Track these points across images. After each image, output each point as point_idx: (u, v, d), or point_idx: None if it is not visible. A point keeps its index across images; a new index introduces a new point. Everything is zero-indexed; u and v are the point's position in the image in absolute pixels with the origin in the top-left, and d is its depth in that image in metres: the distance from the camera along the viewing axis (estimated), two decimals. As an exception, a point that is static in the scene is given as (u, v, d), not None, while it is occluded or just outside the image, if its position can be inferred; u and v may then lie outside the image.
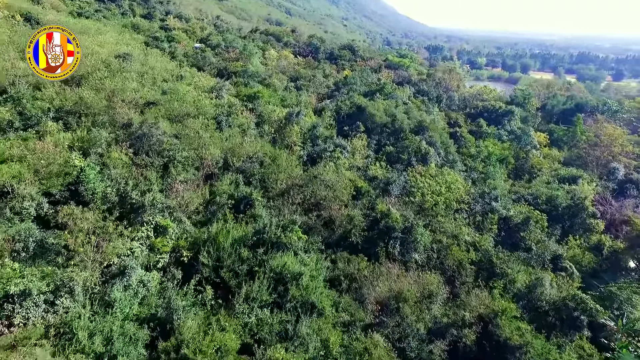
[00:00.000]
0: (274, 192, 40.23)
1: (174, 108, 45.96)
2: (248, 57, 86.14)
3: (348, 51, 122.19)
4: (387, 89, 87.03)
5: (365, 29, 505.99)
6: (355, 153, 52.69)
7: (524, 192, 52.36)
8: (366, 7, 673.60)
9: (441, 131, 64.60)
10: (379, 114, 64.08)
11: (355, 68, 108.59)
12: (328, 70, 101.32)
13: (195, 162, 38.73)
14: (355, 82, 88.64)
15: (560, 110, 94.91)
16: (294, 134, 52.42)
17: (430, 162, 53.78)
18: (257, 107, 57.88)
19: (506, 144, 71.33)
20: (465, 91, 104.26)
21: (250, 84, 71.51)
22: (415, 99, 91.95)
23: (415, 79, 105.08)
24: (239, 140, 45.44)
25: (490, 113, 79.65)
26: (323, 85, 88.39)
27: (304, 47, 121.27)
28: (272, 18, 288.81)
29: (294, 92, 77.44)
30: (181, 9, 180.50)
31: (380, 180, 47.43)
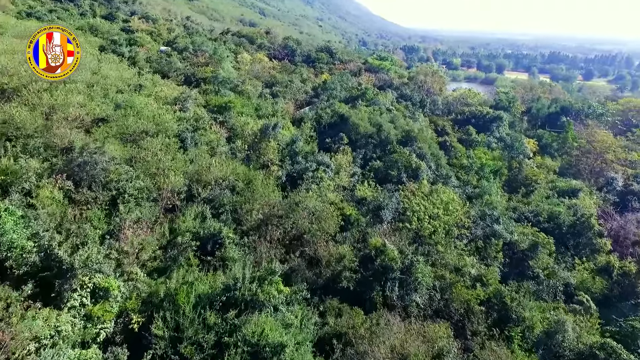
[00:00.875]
0: (249, 225, 34.15)
1: (128, 125, 39.15)
2: (219, 61, 79.33)
3: (326, 54, 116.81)
4: (369, 95, 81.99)
5: (341, 30, 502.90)
6: (340, 171, 47.09)
7: (524, 210, 48.13)
8: (341, 7, 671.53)
9: (430, 141, 59.94)
10: (364, 124, 58.80)
11: (334, 72, 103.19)
12: (306, 74, 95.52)
13: (151, 193, 32.17)
14: (335, 88, 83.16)
15: (546, 114, 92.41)
16: (270, 150, 46.37)
17: (422, 178, 48.81)
18: (229, 120, 51.52)
19: (497, 152, 67.49)
20: (449, 95, 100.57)
21: (221, 92, 64.89)
22: (398, 104, 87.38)
23: (397, 82, 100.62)
24: (206, 162, 39.06)
25: (478, 119, 75.79)
26: (301, 91, 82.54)
27: (279, 49, 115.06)
28: (245, 19, 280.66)
29: (270, 99, 71.30)
30: (148, 9, 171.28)
31: (370, 202, 41.99)
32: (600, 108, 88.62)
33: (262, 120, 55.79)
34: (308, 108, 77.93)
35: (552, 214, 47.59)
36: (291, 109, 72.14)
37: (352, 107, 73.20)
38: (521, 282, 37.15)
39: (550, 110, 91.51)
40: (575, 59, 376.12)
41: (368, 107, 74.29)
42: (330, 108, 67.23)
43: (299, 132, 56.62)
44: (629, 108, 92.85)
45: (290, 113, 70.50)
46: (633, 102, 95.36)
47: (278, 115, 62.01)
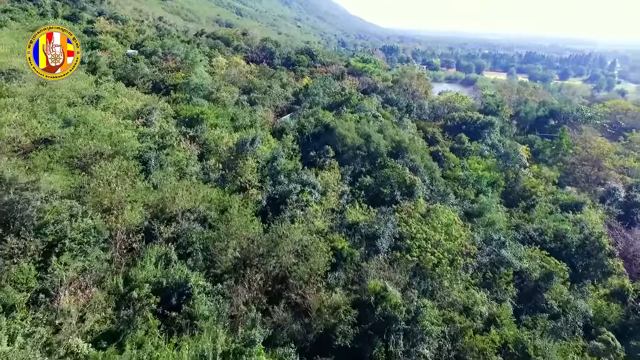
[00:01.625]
0: (224, 267, 28.62)
1: (77, 147, 33.01)
2: (191, 66, 73.02)
3: (306, 56, 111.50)
4: (354, 100, 77.25)
5: (319, 30, 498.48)
6: (327, 190, 41.95)
7: (528, 228, 44.14)
8: (319, 7, 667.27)
9: (422, 152, 55.52)
10: (351, 135, 53.88)
11: (316, 75, 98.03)
12: (285, 78, 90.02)
13: (101, 235, 26.27)
14: (318, 93, 78.04)
15: (534, 117, 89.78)
16: (248, 169, 40.87)
17: (418, 196, 44.20)
18: (201, 134, 45.67)
19: (490, 161, 63.71)
20: (435, 98, 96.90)
21: (193, 100, 58.87)
22: (384, 110, 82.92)
23: (381, 86, 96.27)
24: (173, 189, 33.26)
25: (469, 125, 72.03)
26: (281, 97, 77.06)
27: (257, 52, 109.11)
28: (221, 19, 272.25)
29: (247, 107, 65.57)
30: (117, 9, 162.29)
31: (363, 227, 37.02)
32: (589, 111, 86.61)
33: (239, 133, 50.18)
34: (289, 116, 72.55)
35: (558, 232, 43.81)
36: (271, 118, 66.66)
37: (337, 115, 68.34)
38: (535, 317, 32.92)
39: (538, 113, 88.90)
40: (551, 59, 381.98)
41: (353, 114, 69.55)
42: (314, 116, 62.08)
43: (280, 145, 51.23)
44: (616, 110, 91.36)
45: (270, 122, 65.01)
46: (620, 104, 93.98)
47: (257, 126, 56.47)
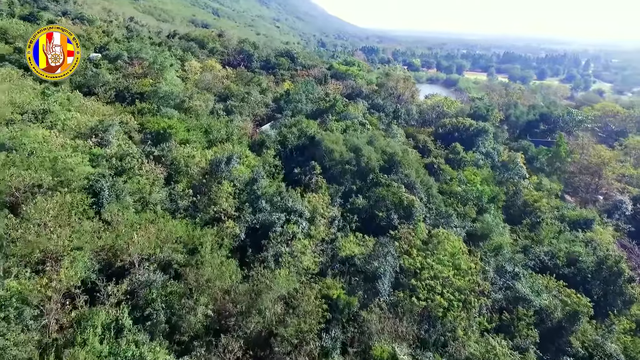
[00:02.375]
0: (191, 332, 22.85)
1: (5, 179, 26.59)
2: (160, 71, 66.34)
3: (286, 58, 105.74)
4: (339, 107, 72.07)
5: (299, 30, 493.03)
6: (315, 217, 36.49)
7: (538, 252, 39.78)
8: (297, 7, 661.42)
9: (416, 165, 50.75)
10: (339, 148, 48.60)
11: (297, 79, 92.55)
12: (265, 83, 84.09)
13: (26, 305, 20.14)
14: (300, 100, 72.52)
15: (525, 121, 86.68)
16: (223, 195, 35.05)
17: (418, 220, 39.30)
18: (168, 153, 39.50)
19: (485, 171, 59.63)
20: (422, 102, 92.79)
21: (162, 111, 52.48)
22: (371, 116, 78.11)
23: (366, 90, 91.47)
24: (129, 226, 27.25)
25: (461, 132, 67.88)
26: (260, 103, 71.14)
27: (234, 54, 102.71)
28: (197, 19, 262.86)
29: (223, 117, 59.58)
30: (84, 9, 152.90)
31: (359, 262, 31.78)
32: (579, 114, 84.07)
33: (214, 150, 44.24)
34: (270, 125, 66.79)
35: (571, 255, 39.66)
36: (250, 128, 60.76)
37: (322, 124, 63.03)
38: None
39: (528, 117, 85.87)
40: (528, 59, 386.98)
41: (339, 122, 64.44)
42: (297, 127, 56.54)
43: (260, 162, 45.52)
44: (605, 113, 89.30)
45: (248, 134, 59.12)
46: (609, 107, 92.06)
47: (234, 139, 50.53)
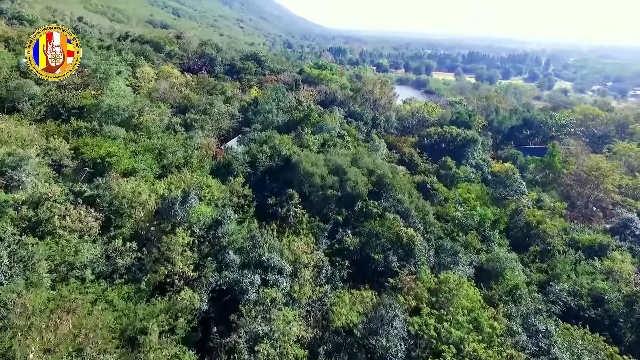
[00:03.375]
0: None
1: None
2: (104, 79, 56.63)
3: (253, 62, 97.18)
4: (314, 117, 64.81)
5: (264, 31, 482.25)
6: (298, 269, 28.87)
7: (559, 291, 33.96)
8: (261, 8, 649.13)
9: (408, 186, 44.20)
10: (319, 172, 41.22)
11: (266, 85, 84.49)
12: (230, 90, 75.40)
13: None
14: (271, 110, 64.63)
15: (507, 127, 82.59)
16: (177, 249, 26.82)
17: (422, 262, 32.60)
18: (106, 192, 30.68)
19: (477, 186, 54.10)
20: (400, 108, 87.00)
21: (105, 130, 43.31)
22: (348, 125, 71.41)
23: (341, 96, 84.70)
24: (37, 315, 18.78)
25: (448, 143, 62.26)
26: (225, 115, 62.57)
27: (194, 58, 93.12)
28: (155, 20, 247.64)
29: (181, 134, 50.91)
30: (25, 8, 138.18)
31: (358, 334, 24.56)
32: (562, 119, 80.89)
33: (167, 181, 35.79)
34: (237, 140, 58.51)
35: (593, 291, 34.20)
36: (213, 146, 52.27)
37: (297, 139, 55.57)
38: None
39: (512, 122, 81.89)
40: (492, 59, 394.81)
41: (316, 136, 57.18)
42: (269, 144, 48.66)
43: (226, 192, 37.46)
44: (586, 116, 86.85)
45: (212, 152, 50.75)
46: (589, 110, 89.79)
47: (193, 163, 42.14)
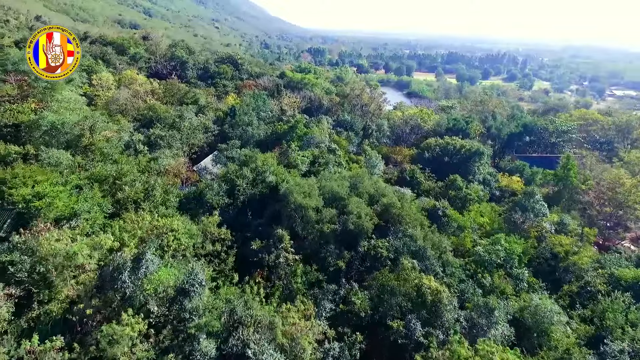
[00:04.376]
0: None
1: None
2: (49, 90, 47.28)
3: (229, 66, 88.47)
4: (300, 129, 57.09)
5: (240, 32, 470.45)
6: (297, 356, 21.07)
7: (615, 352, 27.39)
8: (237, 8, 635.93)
9: (419, 217, 36.97)
10: (313, 203, 33.47)
11: (244, 92, 76.11)
12: (204, 98, 66.70)
13: None
14: (251, 121, 56.48)
15: (507, 134, 76.93)
16: (121, 347, 18.59)
17: (453, 330, 25.37)
18: (25, 257, 22.01)
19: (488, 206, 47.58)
20: (393, 115, 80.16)
21: (43, 156, 34.36)
22: (338, 136, 63.97)
23: (327, 103, 77.19)
24: None
25: (452, 155, 55.63)
26: (198, 129, 54.06)
27: (163, 62, 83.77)
28: (124, 20, 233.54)
29: (144, 155, 42.28)
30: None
31: None
32: (564, 125, 75.89)
33: (118, 226, 27.33)
34: (211, 159, 50.12)
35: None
36: (183, 168, 43.86)
37: (282, 156, 47.63)
38: None
39: (511, 129, 76.30)
40: (470, 59, 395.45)
41: (304, 153, 49.43)
42: (250, 165, 40.52)
43: (197, 239, 29.26)
44: (586, 121, 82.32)
45: (180, 177, 42.31)
46: (588, 114, 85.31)
47: (155, 198, 33.63)
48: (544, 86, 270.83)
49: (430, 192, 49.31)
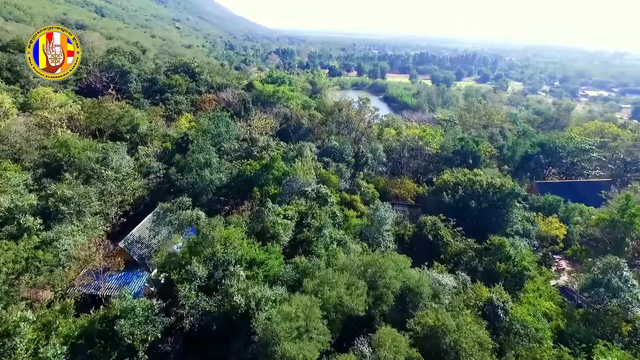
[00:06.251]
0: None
1: None
2: None
3: (184, 76, 71.62)
4: (278, 168, 41.94)
5: (203, 32, 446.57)
6: None
7: None
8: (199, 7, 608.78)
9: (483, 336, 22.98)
10: (314, 354, 18.59)
11: (205, 107, 60.00)
12: (145, 122, 50.19)
13: None
14: (209, 160, 40.70)
15: (521, 155, 64.72)
16: None
17: None
18: None
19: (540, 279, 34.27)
20: (386, 133, 66.02)
21: None
22: (325, 170, 49.26)
23: (306, 122, 62.32)
24: None
25: (480, 199, 42.09)
26: (132, 175, 37.94)
27: (98, 73, 66.02)
28: (69, 20, 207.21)
29: (34, 234, 26.14)
30: None
31: None
32: (584, 142, 64.68)
33: None
34: (149, 225, 34.05)
35: None
36: (100, 250, 27.93)
37: (256, 221, 32.43)
38: None
39: (525, 149, 64.19)
40: (441, 60, 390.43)
41: (288, 208, 34.45)
42: (205, 251, 25.15)
43: None
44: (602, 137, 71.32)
45: (96, 265, 26.45)
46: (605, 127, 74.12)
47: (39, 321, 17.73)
48: (518, 87, 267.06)
49: (462, 258, 35.53)
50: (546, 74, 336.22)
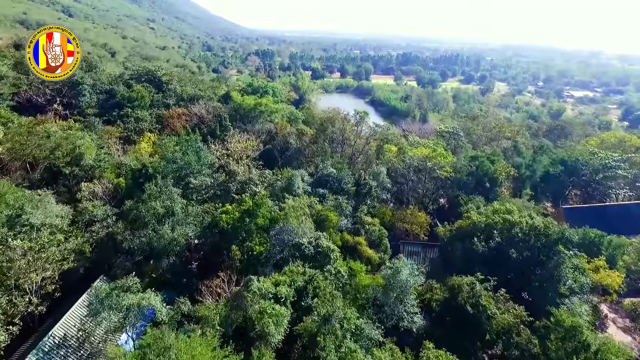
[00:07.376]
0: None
1: None
2: None
3: (148, 87, 60.43)
4: (265, 213, 32.05)
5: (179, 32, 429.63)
6: None
7: None
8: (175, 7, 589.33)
9: None
10: None
11: (170, 126, 49.48)
12: (92, 151, 39.52)
13: None
14: (172, 208, 30.50)
15: (541, 174, 56.54)
16: None
17: None
18: None
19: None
20: (387, 150, 56.62)
21: None
22: (322, 205, 39.59)
23: (295, 141, 52.50)
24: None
25: (520, 248, 33.13)
26: (72, 226, 27.54)
27: (39, 85, 54.30)
28: (29, 20, 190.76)
29: None
30: None
31: None
32: (607, 158, 57.04)
33: None
34: (80, 326, 23.74)
35: None
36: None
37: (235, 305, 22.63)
38: None
39: (545, 168, 56.10)
40: (425, 60, 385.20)
41: (281, 281, 24.82)
42: None
43: None
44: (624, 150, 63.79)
45: None
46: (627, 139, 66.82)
47: None
48: (503, 87, 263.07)
49: (512, 337, 26.47)
50: (529, 74, 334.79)
